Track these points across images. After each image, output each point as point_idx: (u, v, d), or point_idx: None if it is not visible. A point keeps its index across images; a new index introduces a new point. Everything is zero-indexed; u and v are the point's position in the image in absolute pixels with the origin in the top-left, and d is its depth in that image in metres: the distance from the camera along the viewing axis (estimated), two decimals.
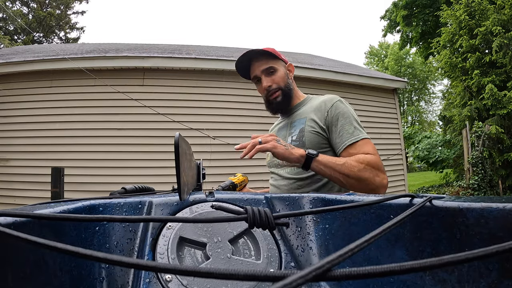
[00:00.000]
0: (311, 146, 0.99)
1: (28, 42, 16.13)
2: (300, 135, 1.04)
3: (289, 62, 1.17)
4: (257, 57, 1.10)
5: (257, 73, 1.10)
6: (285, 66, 1.14)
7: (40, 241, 0.20)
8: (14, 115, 4.37)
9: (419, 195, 0.40)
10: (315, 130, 1.01)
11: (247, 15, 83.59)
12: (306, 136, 1.02)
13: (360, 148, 0.94)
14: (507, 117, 6.52)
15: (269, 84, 1.09)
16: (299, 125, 1.06)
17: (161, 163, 4.31)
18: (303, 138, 1.02)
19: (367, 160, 0.90)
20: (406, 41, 15.03)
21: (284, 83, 1.10)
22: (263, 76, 1.09)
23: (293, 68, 1.17)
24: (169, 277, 0.41)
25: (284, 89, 1.10)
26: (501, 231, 0.28)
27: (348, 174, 0.88)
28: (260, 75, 1.10)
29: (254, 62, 1.11)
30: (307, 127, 1.03)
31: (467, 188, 6.22)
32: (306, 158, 0.89)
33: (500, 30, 6.54)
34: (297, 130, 1.06)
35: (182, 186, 0.46)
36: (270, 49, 1.10)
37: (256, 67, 1.10)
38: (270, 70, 1.09)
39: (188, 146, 0.56)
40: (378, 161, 0.92)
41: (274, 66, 1.09)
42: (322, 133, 1.01)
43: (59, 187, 2.50)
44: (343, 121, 0.98)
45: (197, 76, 4.76)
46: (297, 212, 0.40)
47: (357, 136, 0.96)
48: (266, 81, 1.09)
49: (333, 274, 0.16)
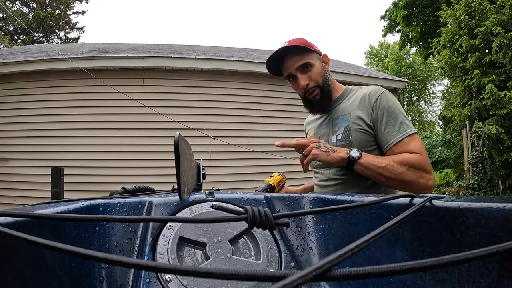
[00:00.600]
0: (359, 146, 0.93)
1: (28, 42, 16.13)
2: (346, 134, 0.97)
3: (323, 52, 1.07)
4: (290, 53, 1.01)
5: (292, 70, 1.01)
6: (319, 58, 1.04)
7: (40, 241, 0.20)
8: (14, 115, 4.37)
9: (419, 195, 0.40)
10: (361, 128, 0.94)
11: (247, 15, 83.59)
12: (353, 135, 0.95)
13: (406, 146, 0.89)
14: (507, 117, 6.52)
15: (306, 82, 1.00)
16: (343, 122, 0.99)
17: (161, 163, 4.31)
18: (350, 137, 0.96)
19: (411, 161, 0.85)
20: (406, 41, 15.03)
21: (322, 79, 1.02)
22: (298, 74, 1.01)
23: (328, 59, 1.07)
24: (169, 277, 0.41)
25: (323, 86, 1.02)
26: (501, 231, 0.28)
27: (390, 176, 0.84)
28: (295, 72, 1.01)
29: (287, 58, 1.01)
30: (352, 125, 0.96)
31: (467, 188, 6.22)
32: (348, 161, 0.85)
33: (500, 30, 6.54)
34: (341, 129, 0.99)
35: (182, 186, 0.46)
36: (301, 41, 1.01)
37: (290, 63, 1.01)
38: (305, 66, 1.00)
39: (188, 146, 0.56)
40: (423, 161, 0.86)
41: (310, 61, 1.00)
42: (369, 131, 0.94)
43: (59, 187, 2.50)
44: (388, 116, 0.92)
45: (197, 76, 4.76)
46: (297, 212, 0.40)
47: (404, 132, 0.89)
48: (303, 79, 1.00)
49: (333, 274, 0.16)
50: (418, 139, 0.90)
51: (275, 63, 1.04)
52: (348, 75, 5.55)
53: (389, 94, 0.97)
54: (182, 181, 0.46)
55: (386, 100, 0.94)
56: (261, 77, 4.83)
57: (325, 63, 1.06)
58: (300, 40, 1.02)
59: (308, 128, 1.20)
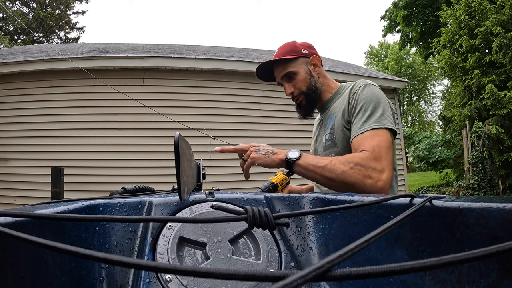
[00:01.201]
0: (342, 144, 0.93)
1: (28, 42, 16.13)
2: (331, 134, 0.97)
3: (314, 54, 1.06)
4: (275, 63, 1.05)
5: (278, 80, 1.07)
6: (307, 63, 1.04)
7: (40, 241, 0.20)
8: (14, 115, 4.37)
9: (419, 195, 0.40)
10: (343, 125, 0.94)
11: (247, 15, 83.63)
12: (336, 134, 0.95)
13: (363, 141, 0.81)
14: (507, 117, 6.52)
15: (291, 90, 1.04)
16: (330, 122, 1.00)
17: (161, 163, 4.31)
18: (334, 137, 0.96)
19: (356, 160, 0.77)
20: (406, 41, 15.04)
21: (306, 85, 1.03)
22: (284, 83, 1.05)
23: (318, 61, 1.05)
24: (169, 277, 0.41)
25: (307, 92, 1.03)
26: (501, 231, 0.28)
27: (330, 177, 0.78)
28: (281, 81, 1.06)
29: (274, 67, 1.06)
30: (336, 123, 0.96)
31: (467, 188, 6.22)
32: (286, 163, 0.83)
33: (500, 30, 6.54)
34: (328, 128, 1.00)
35: (182, 186, 0.46)
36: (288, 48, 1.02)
37: (276, 73, 1.07)
38: (289, 75, 1.03)
39: (188, 146, 0.56)
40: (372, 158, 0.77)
41: (293, 70, 1.02)
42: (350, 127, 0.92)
43: (59, 187, 2.50)
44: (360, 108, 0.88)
45: (197, 76, 4.76)
46: (297, 212, 0.40)
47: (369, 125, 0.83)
48: (288, 88, 1.04)
49: (333, 274, 0.16)
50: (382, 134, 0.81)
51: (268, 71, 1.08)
52: (348, 75, 5.55)
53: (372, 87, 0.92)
54: (182, 181, 0.46)
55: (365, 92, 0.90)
56: None
57: (315, 65, 1.05)
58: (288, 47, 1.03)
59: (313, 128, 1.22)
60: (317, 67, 1.06)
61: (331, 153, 0.96)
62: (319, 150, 1.05)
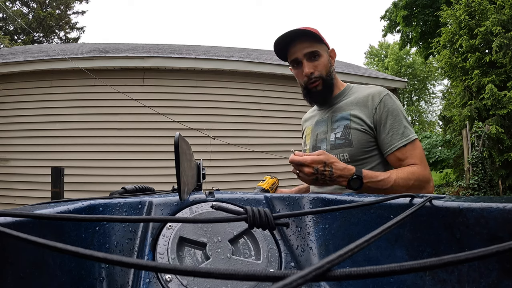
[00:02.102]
0: (359, 145, 0.93)
1: (28, 42, 16.13)
2: (346, 133, 0.95)
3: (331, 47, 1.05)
4: (300, 38, 0.97)
5: (299, 55, 0.98)
6: (327, 52, 1.02)
7: (40, 241, 0.20)
8: (14, 115, 4.37)
9: (419, 195, 0.40)
10: (362, 128, 0.93)
11: (247, 15, 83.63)
12: (353, 134, 0.93)
13: (408, 153, 0.88)
14: (507, 117, 6.52)
15: (311, 70, 0.97)
16: (342, 120, 0.97)
17: (161, 163, 4.31)
18: (350, 136, 0.94)
19: (415, 177, 0.85)
20: (406, 41, 15.03)
21: (327, 72, 0.99)
22: (304, 61, 0.97)
23: (335, 55, 1.05)
24: (169, 277, 0.41)
25: (326, 79, 0.99)
26: (501, 231, 0.28)
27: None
28: (302, 58, 0.98)
29: (296, 42, 0.98)
30: (353, 123, 0.94)
31: (467, 188, 6.22)
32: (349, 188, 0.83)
33: (500, 30, 6.54)
34: (341, 127, 0.97)
35: (182, 186, 0.46)
36: (314, 30, 0.97)
37: (298, 48, 0.97)
38: (314, 54, 0.97)
39: (188, 146, 0.56)
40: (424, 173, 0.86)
41: (319, 50, 0.97)
42: (370, 131, 0.93)
43: (59, 187, 2.50)
44: (392, 119, 0.90)
45: (197, 76, 4.76)
46: (297, 212, 0.40)
47: (407, 137, 0.89)
48: (308, 67, 0.97)
49: (333, 274, 0.16)
50: (419, 145, 0.90)
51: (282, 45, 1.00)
52: (348, 75, 5.55)
53: (393, 96, 0.96)
54: (182, 181, 0.46)
55: (391, 103, 0.93)
56: (261, 77, 4.83)
57: (332, 57, 1.04)
58: (314, 29, 0.99)
59: (305, 126, 1.17)
60: (333, 60, 1.05)
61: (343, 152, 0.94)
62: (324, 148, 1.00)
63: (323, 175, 0.79)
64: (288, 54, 1.02)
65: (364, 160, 0.93)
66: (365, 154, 0.93)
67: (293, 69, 1.04)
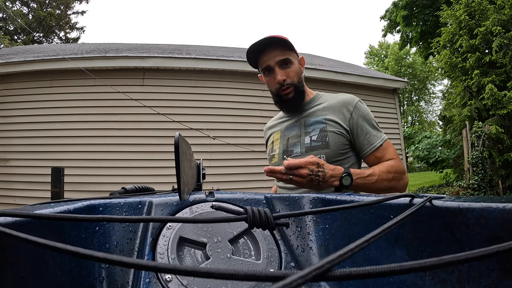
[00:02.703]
0: (335, 147, 0.97)
1: (28, 42, 16.13)
2: (323, 135, 0.99)
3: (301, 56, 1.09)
4: (272, 46, 0.99)
5: (271, 63, 1.00)
6: (298, 59, 1.05)
7: (40, 241, 0.20)
8: (14, 115, 4.37)
9: (419, 195, 0.40)
10: (339, 131, 0.98)
11: (247, 15, 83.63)
12: (329, 137, 0.98)
13: (385, 152, 0.97)
14: (507, 117, 6.51)
15: (283, 77, 1.00)
16: (317, 124, 1.01)
17: (161, 163, 4.31)
18: (326, 139, 0.98)
19: (394, 169, 0.93)
20: (406, 41, 15.04)
21: (298, 79, 1.03)
22: (277, 68, 1.00)
23: (304, 63, 1.09)
24: (169, 277, 0.41)
25: (298, 85, 1.03)
26: (501, 231, 0.28)
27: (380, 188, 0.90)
28: (274, 66, 1.00)
29: (268, 50, 1.00)
30: (329, 127, 0.99)
31: (467, 188, 6.21)
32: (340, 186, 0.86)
33: (500, 30, 6.54)
34: (317, 130, 1.00)
35: (182, 186, 0.46)
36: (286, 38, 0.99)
37: (270, 56, 0.99)
38: (286, 62, 1.00)
39: (188, 146, 0.56)
40: (400, 166, 0.96)
41: (291, 58, 1.00)
42: (346, 135, 0.98)
43: (59, 187, 2.49)
44: (367, 123, 0.98)
45: (197, 76, 4.76)
46: (297, 212, 0.40)
47: (382, 138, 0.98)
48: (281, 74, 0.99)
49: (333, 274, 0.16)
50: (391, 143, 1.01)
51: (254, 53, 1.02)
52: (348, 75, 5.55)
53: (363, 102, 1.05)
54: (182, 181, 0.46)
55: (364, 108, 1.01)
56: None
57: (301, 65, 1.08)
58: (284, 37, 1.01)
59: (269, 133, 1.18)
60: (303, 67, 1.09)
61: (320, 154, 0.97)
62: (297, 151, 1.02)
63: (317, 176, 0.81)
64: (259, 62, 1.04)
65: (340, 161, 0.98)
66: (340, 156, 0.98)
67: (265, 76, 1.05)
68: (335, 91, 5.28)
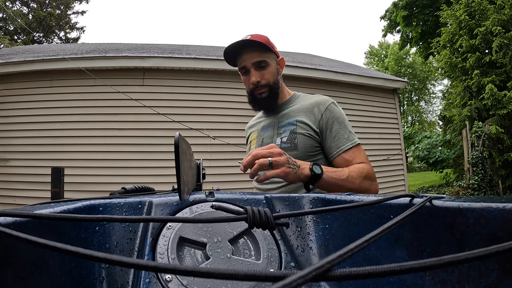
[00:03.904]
0: (304, 149, 0.97)
1: (28, 42, 16.13)
2: (292, 137, 0.99)
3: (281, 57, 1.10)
4: (249, 47, 1.01)
5: (247, 64, 1.02)
6: (276, 60, 1.07)
7: (40, 241, 0.20)
8: (14, 115, 4.37)
9: (419, 195, 0.40)
10: (308, 133, 0.98)
11: (247, 15, 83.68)
12: (298, 139, 0.98)
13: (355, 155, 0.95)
14: (507, 117, 6.52)
15: (258, 79, 1.01)
16: (288, 126, 1.02)
17: (161, 163, 4.31)
18: (295, 141, 0.98)
19: (365, 172, 0.92)
20: (406, 41, 15.04)
21: (274, 80, 1.04)
22: (252, 69, 1.02)
23: (283, 64, 1.10)
24: (169, 277, 0.41)
25: (272, 86, 1.04)
26: (501, 231, 0.28)
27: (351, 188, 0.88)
28: (250, 67, 1.02)
29: (246, 51, 1.02)
30: (299, 129, 0.99)
31: (467, 188, 6.21)
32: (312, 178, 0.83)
33: (500, 30, 6.54)
34: (287, 132, 1.01)
35: (182, 186, 0.46)
36: (264, 39, 1.02)
37: (247, 57, 1.02)
38: (261, 64, 1.01)
39: (188, 146, 0.56)
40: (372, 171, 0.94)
41: (267, 60, 1.02)
42: (315, 137, 0.98)
43: (59, 187, 2.50)
44: (338, 125, 0.97)
45: (197, 76, 4.76)
46: (297, 212, 0.40)
47: (352, 141, 0.96)
48: (255, 76, 1.01)
49: (333, 274, 0.16)
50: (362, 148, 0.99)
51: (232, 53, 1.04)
52: (348, 75, 5.55)
53: (337, 105, 1.03)
54: (182, 181, 0.46)
55: (336, 110, 1.00)
56: None
57: (280, 66, 1.09)
58: (264, 38, 1.02)
59: (250, 131, 1.19)
60: (281, 69, 1.10)
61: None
62: None
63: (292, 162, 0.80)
64: (237, 62, 1.06)
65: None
66: (309, 158, 0.97)
67: (242, 75, 1.08)
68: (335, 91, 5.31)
